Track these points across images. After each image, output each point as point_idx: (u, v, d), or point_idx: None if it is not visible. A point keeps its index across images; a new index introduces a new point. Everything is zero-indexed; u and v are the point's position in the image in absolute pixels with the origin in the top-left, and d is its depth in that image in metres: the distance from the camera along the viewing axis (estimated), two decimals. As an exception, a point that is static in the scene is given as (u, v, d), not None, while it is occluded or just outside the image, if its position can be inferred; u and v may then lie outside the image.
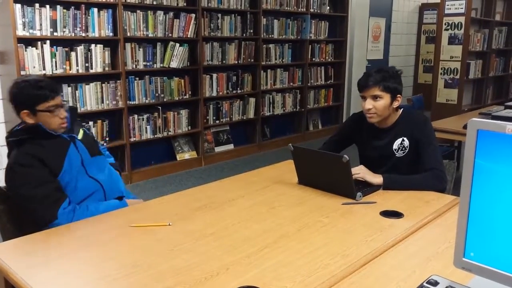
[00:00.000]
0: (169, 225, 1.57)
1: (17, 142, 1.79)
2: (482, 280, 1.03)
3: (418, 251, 1.39)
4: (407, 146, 2.14)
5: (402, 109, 2.20)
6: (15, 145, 1.80)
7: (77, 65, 3.99)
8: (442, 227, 1.59)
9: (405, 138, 2.14)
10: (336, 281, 1.21)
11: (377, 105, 2.07)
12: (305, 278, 1.22)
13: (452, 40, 6.02)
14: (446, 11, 6.01)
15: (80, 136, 2.00)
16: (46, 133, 1.81)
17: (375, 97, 2.06)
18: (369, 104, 2.08)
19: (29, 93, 1.78)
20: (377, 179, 1.99)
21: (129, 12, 4.31)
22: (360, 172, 2.02)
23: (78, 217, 1.71)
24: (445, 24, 6.04)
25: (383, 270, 1.28)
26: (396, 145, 2.16)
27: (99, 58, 4.12)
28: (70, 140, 1.90)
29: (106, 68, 4.20)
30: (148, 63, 4.54)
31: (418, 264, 1.30)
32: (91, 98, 4.12)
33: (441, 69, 6.16)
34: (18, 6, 3.59)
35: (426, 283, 1.11)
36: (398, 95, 2.10)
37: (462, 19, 5.91)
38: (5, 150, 4.07)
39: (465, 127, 3.35)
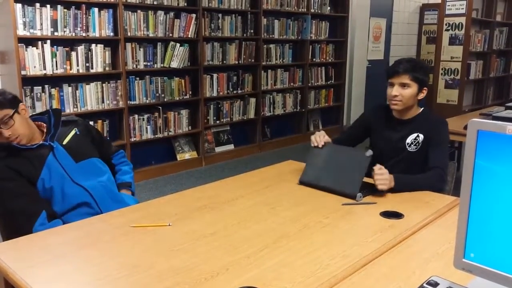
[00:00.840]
0: (169, 225, 1.57)
1: None
2: (482, 281, 1.03)
3: (418, 252, 1.39)
4: (420, 142, 2.16)
5: (423, 108, 2.25)
6: None
7: (78, 65, 3.99)
8: (442, 228, 1.59)
9: (420, 134, 2.16)
10: (336, 281, 1.21)
11: (404, 93, 2.10)
12: (305, 278, 1.22)
13: (452, 41, 6.02)
14: (447, 12, 6.01)
15: (66, 140, 1.91)
16: (16, 148, 1.77)
17: (403, 85, 2.10)
18: (396, 91, 2.11)
19: None
20: (392, 182, 1.89)
21: (130, 12, 4.31)
22: (385, 175, 1.87)
23: None
24: (445, 24, 6.05)
25: (383, 271, 1.28)
26: (410, 139, 2.18)
27: (100, 58, 4.12)
28: (49, 149, 1.84)
29: (107, 68, 4.20)
30: (148, 63, 4.54)
31: (418, 265, 1.30)
32: (91, 98, 4.13)
33: (442, 69, 6.16)
34: (19, 5, 3.59)
35: (426, 284, 1.10)
36: (424, 88, 2.14)
37: (463, 20, 5.91)
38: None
39: (465, 127, 3.34)
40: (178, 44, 4.69)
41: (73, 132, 1.96)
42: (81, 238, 1.49)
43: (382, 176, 1.86)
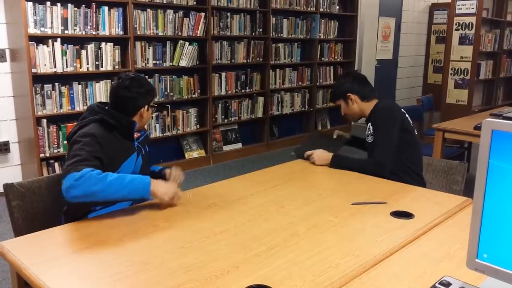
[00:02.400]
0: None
1: (100, 121, 1.82)
2: (495, 282, 1.03)
3: (429, 252, 1.38)
4: (372, 132, 2.34)
5: (377, 101, 2.39)
6: (97, 122, 1.82)
7: (88, 63, 4.02)
8: (453, 228, 1.58)
9: (370, 124, 2.36)
10: (347, 280, 1.21)
11: (343, 111, 2.46)
12: (315, 277, 1.22)
13: (462, 40, 5.97)
14: (457, 11, 5.97)
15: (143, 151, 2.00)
16: (130, 130, 1.88)
17: (339, 107, 2.47)
18: (342, 111, 2.48)
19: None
20: (326, 160, 2.30)
21: (139, 11, 4.33)
22: (314, 157, 2.34)
23: (92, 181, 1.58)
24: (455, 24, 6.00)
25: (394, 270, 1.27)
26: (367, 131, 2.38)
27: (109, 56, 4.14)
28: (138, 150, 1.93)
29: (116, 67, 4.22)
30: (157, 62, 4.56)
31: (429, 265, 1.29)
32: (101, 96, 4.15)
33: (451, 69, 6.11)
34: (30, 4, 3.62)
35: (439, 283, 1.10)
36: (347, 94, 2.37)
37: (473, 19, 5.86)
38: (16, 148, 4.10)
39: (475, 128, 3.35)
40: (187, 43, 4.70)
41: (143, 148, 2.03)
42: (92, 235, 1.50)
43: (314, 154, 2.34)
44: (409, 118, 2.38)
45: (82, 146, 1.70)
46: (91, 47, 4.01)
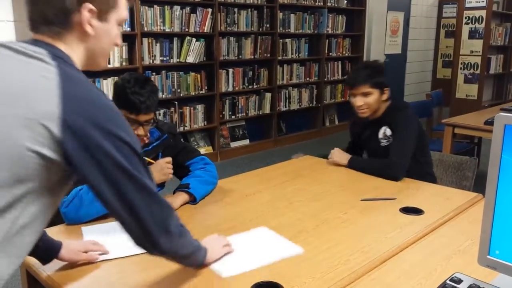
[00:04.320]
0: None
1: None
2: (506, 278, 1.01)
3: (439, 248, 1.37)
4: (390, 135, 2.20)
5: (390, 101, 2.24)
6: None
7: (95, 60, 4.02)
8: (463, 224, 1.56)
9: (387, 128, 2.21)
10: (356, 277, 1.20)
11: (368, 101, 2.15)
12: (324, 274, 1.21)
13: (472, 34, 5.90)
14: (467, 5, 5.89)
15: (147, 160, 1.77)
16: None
17: (365, 94, 2.14)
18: (360, 101, 2.15)
19: None
20: (344, 160, 2.18)
21: (146, 7, 4.33)
22: (332, 154, 2.23)
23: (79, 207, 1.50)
24: (465, 18, 5.93)
25: (404, 267, 1.26)
26: (381, 134, 2.23)
27: (117, 53, 4.15)
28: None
29: (124, 63, 4.23)
30: (164, 58, 4.56)
31: (439, 261, 1.28)
32: (109, 92, 4.15)
33: (461, 64, 6.05)
34: (38, 1, 3.63)
35: (450, 280, 1.08)
36: (385, 88, 2.17)
37: (483, 13, 5.79)
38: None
39: (486, 123, 3.31)
40: (194, 39, 4.69)
41: (155, 155, 1.83)
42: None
43: (333, 153, 2.23)
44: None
45: None
46: (98, 44, 4.02)
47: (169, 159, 1.73)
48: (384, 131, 2.22)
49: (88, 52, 1.00)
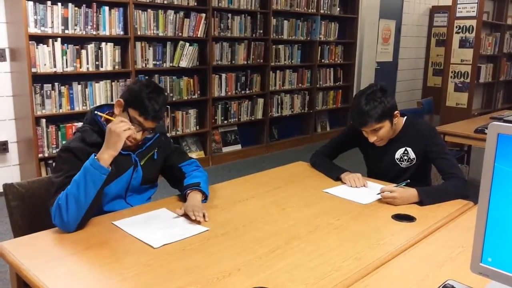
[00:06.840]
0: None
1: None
2: (498, 285, 1.02)
3: (431, 255, 1.38)
4: (413, 158, 2.10)
5: (406, 117, 2.14)
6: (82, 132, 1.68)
7: (88, 63, 4.00)
8: (454, 232, 1.57)
9: (408, 149, 2.10)
10: (349, 283, 1.20)
11: (381, 134, 2.02)
12: (317, 280, 1.21)
13: (463, 43, 5.97)
14: (458, 14, 5.97)
15: (143, 161, 1.80)
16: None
17: (376, 130, 2.01)
18: (372, 137, 2.03)
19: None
20: (413, 198, 1.82)
21: (140, 11, 4.32)
22: (397, 194, 1.80)
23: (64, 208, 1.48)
24: (456, 27, 6.00)
25: (396, 274, 1.27)
26: (398, 154, 2.12)
27: (109, 57, 4.13)
28: (133, 165, 1.76)
29: (116, 67, 4.21)
30: (157, 62, 4.55)
31: (431, 268, 1.29)
32: (100, 96, 4.13)
33: (451, 72, 6.11)
34: (30, 3, 3.61)
35: (442, 287, 1.09)
36: (394, 112, 2.03)
37: (473, 22, 5.86)
38: (14, 148, 4.09)
39: (476, 131, 3.35)
40: (187, 44, 4.69)
41: (150, 154, 1.84)
42: (92, 236, 1.48)
43: (391, 200, 1.81)
44: None
45: (60, 166, 1.60)
46: (91, 47, 4.00)
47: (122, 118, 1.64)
48: (405, 153, 2.10)
49: None
